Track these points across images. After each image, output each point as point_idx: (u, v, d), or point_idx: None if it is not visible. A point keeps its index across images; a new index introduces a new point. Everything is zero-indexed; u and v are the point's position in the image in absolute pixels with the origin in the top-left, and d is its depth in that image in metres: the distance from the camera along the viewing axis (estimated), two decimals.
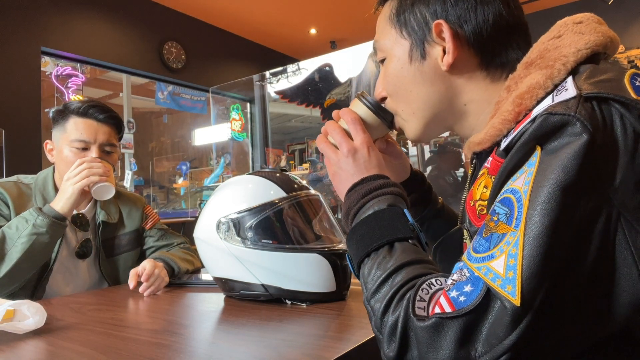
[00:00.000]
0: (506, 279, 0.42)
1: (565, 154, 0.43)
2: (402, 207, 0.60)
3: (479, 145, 0.58)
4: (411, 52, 0.64)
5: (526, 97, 0.52)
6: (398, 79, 0.66)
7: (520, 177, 0.46)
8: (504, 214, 0.46)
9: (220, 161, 5.91)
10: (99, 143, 1.28)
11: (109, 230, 1.37)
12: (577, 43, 0.53)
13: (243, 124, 5.72)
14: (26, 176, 1.32)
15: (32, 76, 3.75)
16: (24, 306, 0.80)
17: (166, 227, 1.52)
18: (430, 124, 0.67)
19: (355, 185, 0.64)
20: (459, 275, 0.47)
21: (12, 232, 1.10)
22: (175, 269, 1.25)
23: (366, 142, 0.67)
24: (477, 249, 0.47)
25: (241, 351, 0.69)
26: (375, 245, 0.56)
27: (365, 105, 0.71)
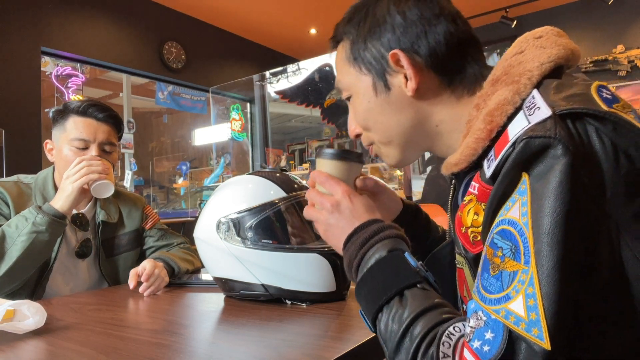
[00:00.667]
0: (530, 321, 0.41)
1: (554, 179, 0.43)
2: (403, 249, 0.59)
3: (456, 166, 0.58)
4: (375, 85, 0.65)
5: (496, 114, 0.53)
6: (368, 113, 0.67)
7: (514, 206, 0.46)
8: (508, 249, 0.45)
9: (220, 161, 5.91)
10: (98, 142, 1.28)
11: (108, 230, 1.37)
12: (540, 57, 0.54)
13: (243, 124, 5.72)
14: (26, 176, 1.32)
15: (32, 76, 3.75)
16: (24, 306, 0.80)
17: (166, 227, 1.52)
18: (407, 148, 0.68)
19: (350, 237, 0.63)
20: (476, 321, 0.46)
21: (12, 230, 1.10)
22: (175, 269, 1.25)
23: (345, 192, 0.67)
24: (488, 288, 0.46)
25: (241, 351, 0.69)
26: (385, 299, 0.54)
27: (326, 159, 0.71)
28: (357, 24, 0.66)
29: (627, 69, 4.80)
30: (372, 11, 0.65)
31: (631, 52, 4.78)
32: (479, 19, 5.05)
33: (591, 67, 4.91)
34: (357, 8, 0.68)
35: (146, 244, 1.46)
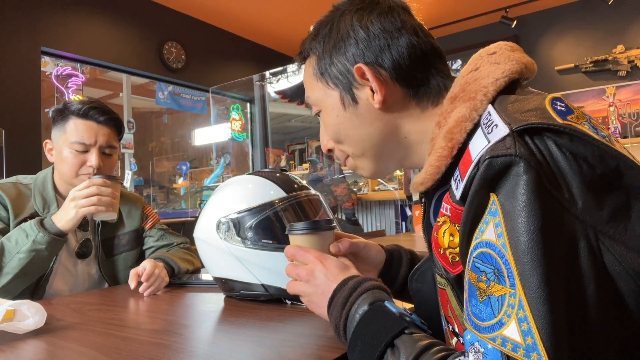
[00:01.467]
0: (527, 346, 0.41)
1: (522, 196, 0.43)
2: (383, 298, 0.60)
3: (422, 185, 0.59)
4: (342, 99, 0.66)
5: (455, 132, 0.54)
6: (338, 127, 0.68)
7: (488, 228, 0.46)
8: (491, 272, 0.45)
9: (220, 161, 5.91)
10: (99, 145, 1.27)
11: (108, 230, 1.37)
12: (494, 73, 0.55)
13: (243, 124, 5.72)
14: (25, 176, 1.32)
15: (32, 76, 3.75)
16: (24, 306, 0.80)
17: (166, 227, 1.52)
18: (381, 160, 0.69)
19: (331, 301, 0.64)
20: (474, 354, 0.45)
21: (12, 245, 1.08)
22: (175, 269, 1.25)
23: (316, 257, 0.69)
24: (479, 315, 0.46)
25: (241, 351, 0.69)
26: (377, 355, 0.55)
27: (296, 234, 0.74)
28: (322, 39, 0.68)
29: (627, 69, 4.80)
30: (336, 27, 0.66)
31: (631, 52, 4.77)
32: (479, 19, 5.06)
33: (591, 67, 4.91)
34: (322, 24, 0.70)
35: (146, 244, 1.46)
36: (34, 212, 1.23)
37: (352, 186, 5.12)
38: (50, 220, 1.12)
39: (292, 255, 0.73)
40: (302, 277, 0.69)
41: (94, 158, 1.25)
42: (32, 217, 1.22)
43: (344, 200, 4.56)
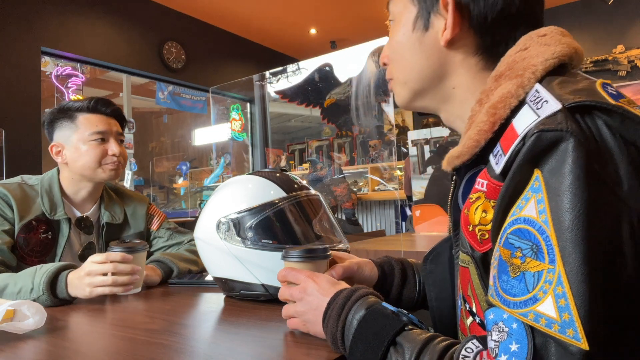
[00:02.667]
0: (563, 322, 0.40)
1: (570, 174, 0.42)
2: (379, 302, 0.61)
3: (458, 159, 0.57)
4: (416, 20, 0.64)
5: (499, 107, 0.52)
6: (399, 45, 0.66)
7: (528, 204, 0.45)
8: (528, 249, 0.44)
9: (220, 161, 5.91)
10: (114, 134, 1.32)
11: (113, 232, 1.37)
12: (544, 53, 0.54)
13: (243, 124, 5.72)
14: (30, 177, 1.31)
15: (32, 76, 3.75)
16: (24, 306, 0.80)
17: (174, 225, 1.50)
18: (418, 97, 0.67)
19: (325, 314, 0.65)
20: (498, 334, 0.45)
21: (14, 291, 1.02)
22: (174, 270, 1.25)
23: (308, 276, 0.71)
24: (510, 291, 0.45)
25: (241, 351, 0.69)
26: (381, 354, 0.55)
27: (292, 261, 0.77)
28: None
29: (627, 69, 4.80)
30: None
31: (631, 52, 4.78)
32: None
33: (591, 67, 4.91)
34: None
35: (155, 245, 1.44)
36: (39, 214, 1.23)
37: (352, 186, 5.12)
38: (65, 285, 1.02)
39: (284, 277, 0.75)
40: (295, 296, 0.71)
41: (114, 146, 1.31)
42: (38, 220, 1.22)
43: (344, 200, 4.57)
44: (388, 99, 4.12)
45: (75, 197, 1.33)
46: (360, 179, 5.30)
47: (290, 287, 0.73)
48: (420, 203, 2.92)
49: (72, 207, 1.32)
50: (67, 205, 1.30)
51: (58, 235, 1.26)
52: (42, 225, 1.23)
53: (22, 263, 1.20)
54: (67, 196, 1.32)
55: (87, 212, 1.34)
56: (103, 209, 1.36)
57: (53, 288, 1.01)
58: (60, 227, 1.27)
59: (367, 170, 5.10)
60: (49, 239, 1.25)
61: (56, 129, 1.31)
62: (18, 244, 1.19)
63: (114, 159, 1.30)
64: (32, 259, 1.21)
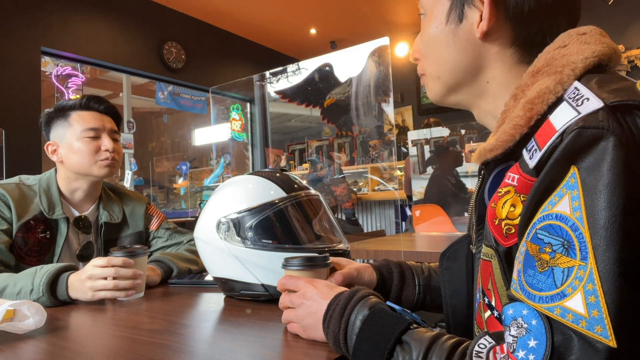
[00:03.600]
0: (591, 319, 0.40)
1: (609, 172, 0.42)
2: (382, 302, 0.61)
3: (491, 152, 0.56)
4: (450, 12, 0.62)
5: (537, 102, 0.51)
6: (431, 38, 0.65)
7: (562, 201, 0.45)
8: (559, 245, 0.44)
9: (220, 161, 5.91)
10: (107, 130, 1.33)
11: (111, 231, 1.37)
12: (584, 52, 0.53)
13: (243, 124, 5.72)
14: (28, 177, 1.32)
15: (32, 76, 3.75)
16: (24, 306, 0.80)
17: (173, 224, 1.50)
18: (452, 92, 0.66)
19: (326, 315, 0.65)
20: (517, 329, 0.45)
21: (13, 291, 1.02)
22: (174, 270, 1.25)
23: (307, 282, 0.72)
24: (536, 285, 0.45)
25: (241, 351, 0.69)
26: (387, 352, 0.54)
27: (293, 270, 0.78)
28: None
29: (627, 69, 4.80)
30: None
31: (631, 52, 4.78)
32: None
33: None
34: None
35: (155, 245, 1.44)
36: (37, 214, 1.23)
37: (352, 186, 5.12)
38: (65, 286, 1.02)
39: (283, 285, 0.75)
40: (295, 301, 0.71)
41: (107, 141, 1.31)
42: (35, 219, 1.22)
43: (344, 200, 4.57)
44: (388, 99, 4.12)
45: (72, 197, 1.33)
46: (360, 179, 5.30)
47: (290, 294, 0.74)
48: (420, 203, 2.92)
49: (70, 207, 1.33)
50: (65, 204, 1.31)
51: (56, 234, 1.27)
52: (40, 224, 1.24)
53: (21, 262, 1.20)
54: (65, 196, 1.32)
55: (85, 211, 1.34)
56: (102, 209, 1.36)
57: (53, 289, 1.01)
58: (58, 226, 1.27)
59: (367, 170, 5.10)
60: (47, 238, 1.25)
61: (52, 128, 1.32)
62: (16, 243, 1.19)
63: (107, 155, 1.30)
64: (30, 258, 1.21)
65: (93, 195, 1.36)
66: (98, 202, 1.38)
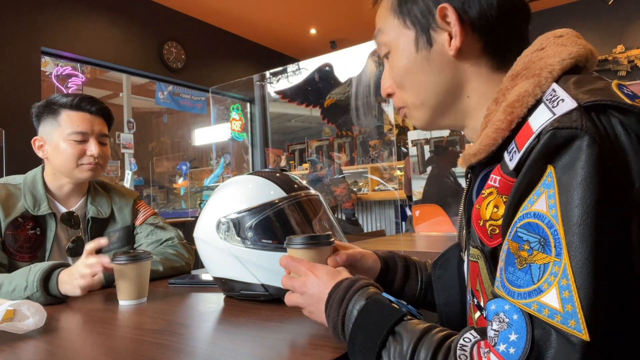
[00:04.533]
0: (565, 314, 0.41)
1: (582, 170, 0.43)
2: (379, 292, 0.62)
3: (474, 157, 0.58)
4: (417, 40, 0.64)
5: (517, 106, 0.53)
6: (405, 70, 0.66)
7: (539, 199, 0.46)
8: (536, 242, 0.45)
9: (220, 161, 5.91)
10: (95, 134, 1.31)
11: (98, 227, 1.36)
12: (561, 54, 0.55)
13: (243, 124, 5.72)
14: (14, 177, 1.32)
15: (32, 76, 3.75)
16: (24, 306, 0.80)
17: (157, 221, 1.46)
18: (437, 113, 0.67)
19: (327, 304, 0.66)
20: (499, 323, 0.46)
21: (7, 291, 1.03)
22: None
23: (308, 268, 0.71)
24: (515, 282, 0.46)
25: (241, 351, 0.69)
26: (379, 343, 0.55)
27: (295, 248, 0.76)
28: None
29: (627, 69, 4.80)
30: None
31: (631, 52, 4.78)
32: None
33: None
34: None
35: (137, 241, 1.43)
36: (24, 211, 1.24)
37: (352, 186, 5.13)
38: (56, 282, 1.03)
39: (285, 266, 0.75)
40: (297, 289, 0.71)
41: (94, 147, 1.29)
42: (23, 217, 1.23)
43: (344, 200, 4.57)
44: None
45: (59, 193, 1.33)
46: (360, 179, 5.30)
47: (292, 278, 0.73)
48: (420, 203, 2.92)
49: (57, 203, 1.33)
50: (52, 200, 1.31)
51: (46, 230, 1.27)
52: (28, 221, 1.24)
53: (13, 260, 1.21)
54: (51, 192, 1.32)
55: (73, 206, 1.34)
56: (89, 204, 1.36)
57: (46, 285, 1.02)
58: (47, 222, 1.27)
59: (367, 170, 5.10)
60: (38, 234, 1.25)
61: (41, 123, 1.32)
62: (7, 241, 1.21)
63: (91, 160, 1.29)
64: (22, 255, 1.22)
65: (80, 191, 1.36)
66: (86, 197, 1.37)
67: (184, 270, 1.35)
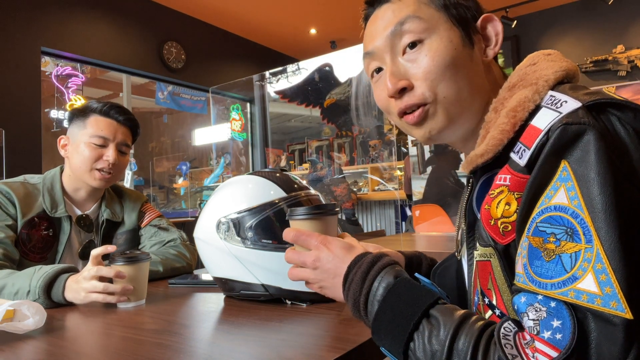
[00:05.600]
0: (605, 296, 0.42)
1: (595, 162, 0.46)
2: (404, 271, 0.60)
3: (482, 157, 0.58)
4: (462, 37, 0.64)
5: (519, 110, 0.56)
6: (452, 60, 0.62)
7: (558, 193, 0.48)
8: (563, 233, 0.46)
9: (220, 161, 5.91)
10: (117, 142, 1.32)
11: (109, 229, 1.38)
12: (553, 67, 0.60)
13: (243, 124, 5.73)
14: (32, 176, 1.33)
15: (32, 76, 3.75)
16: (24, 306, 0.80)
17: (161, 223, 1.47)
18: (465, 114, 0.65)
19: (346, 278, 0.63)
20: (535, 313, 0.46)
21: (11, 291, 1.02)
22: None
23: (320, 242, 0.67)
24: (545, 274, 0.47)
25: (241, 351, 0.69)
26: (413, 324, 0.53)
27: (298, 219, 0.71)
28: None
29: (627, 69, 4.80)
30: None
31: (631, 52, 4.78)
32: None
33: (591, 67, 4.91)
34: None
35: (141, 242, 1.45)
36: (41, 212, 1.25)
37: (352, 186, 5.13)
38: (62, 288, 1.01)
39: (293, 240, 0.70)
40: (308, 264, 0.67)
41: (111, 153, 1.30)
42: (39, 217, 1.24)
43: (344, 200, 4.57)
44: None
45: (75, 196, 1.34)
46: (360, 179, 5.30)
47: (299, 252, 0.69)
48: (420, 203, 2.92)
49: (73, 206, 1.34)
50: (68, 203, 1.32)
51: (59, 233, 1.28)
52: (43, 222, 1.25)
53: (25, 259, 1.21)
54: (69, 194, 1.34)
55: (87, 210, 1.35)
56: (104, 207, 1.38)
57: (49, 292, 1.00)
58: (61, 224, 1.28)
59: (367, 170, 5.10)
60: (50, 236, 1.26)
61: (71, 124, 1.35)
62: (21, 239, 1.21)
63: (106, 165, 1.29)
64: (34, 255, 1.23)
65: (96, 195, 1.38)
66: (100, 201, 1.39)
67: (185, 271, 1.35)
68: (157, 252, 1.34)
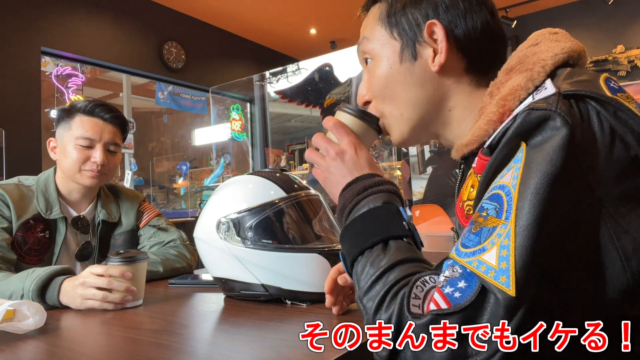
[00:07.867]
0: (499, 270, 0.43)
1: (549, 147, 0.45)
2: (397, 205, 0.61)
3: (467, 147, 0.60)
4: (402, 52, 0.65)
5: (509, 99, 0.55)
6: (387, 80, 0.67)
7: (508, 173, 0.48)
8: (492, 209, 0.47)
9: (220, 161, 5.91)
10: (104, 142, 1.29)
11: (106, 230, 1.37)
12: (554, 48, 0.57)
13: (243, 124, 5.72)
14: (27, 178, 1.32)
15: (32, 76, 3.75)
16: (24, 306, 0.80)
17: (160, 223, 1.45)
18: (417, 127, 0.68)
19: (348, 185, 0.65)
20: (450, 272, 0.47)
21: (5, 295, 1.01)
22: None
23: (352, 143, 0.68)
24: (466, 244, 0.48)
25: (241, 351, 0.69)
26: (369, 243, 0.56)
27: (348, 113, 0.70)
28: None
29: (627, 69, 4.80)
30: None
31: (631, 52, 4.78)
32: None
33: (591, 67, 4.91)
34: None
35: (140, 243, 1.43)
36: (36, 214, 1.23)
37: None
38: (57, 291, 0.99)
39: (331, 128, 0.70)
40: (331, 153, 0.68)
41: (98, 154, 1.27)
42: (35, 219, 1.23)
43: None
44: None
45: (69, 197, 1.33)
46: None
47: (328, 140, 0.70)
48: (420, 203, 2.92)
49: (68, 207, 1.33)
50: (63, 204, 1.31)
51: (55, 234, 1.27)
52: (39, 224, 1.24)
53: (21, 262, 1.20)
54: (63, 195, 1.32)
55: (83, 211, 1.34)
56: (99, 207, 1.36)
57: (43, 295, 0.98)
58: (57, 226, 1.27)
59: None
60: (47, 238, 1.25)
61: (58, 125, 1.32)
62: (16, 242, 1.20)
63: (94, 167, 1.27)
64: (30, 257, 1.22)
65: (90, 196, 1.36)
66: (96, 201, 1.37)
67: (185, 271, 1.34)
68: (158, 253, 1.33)
